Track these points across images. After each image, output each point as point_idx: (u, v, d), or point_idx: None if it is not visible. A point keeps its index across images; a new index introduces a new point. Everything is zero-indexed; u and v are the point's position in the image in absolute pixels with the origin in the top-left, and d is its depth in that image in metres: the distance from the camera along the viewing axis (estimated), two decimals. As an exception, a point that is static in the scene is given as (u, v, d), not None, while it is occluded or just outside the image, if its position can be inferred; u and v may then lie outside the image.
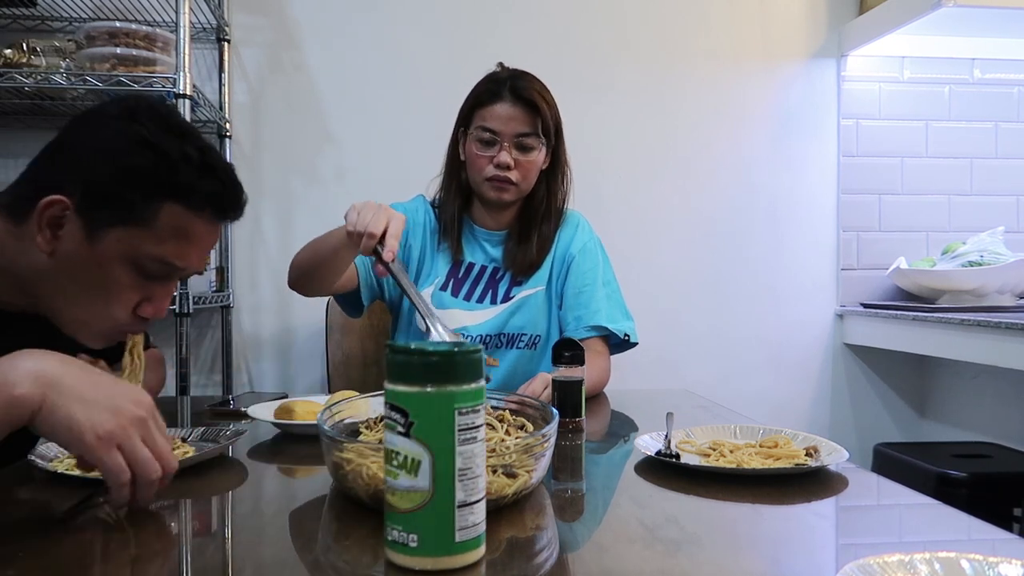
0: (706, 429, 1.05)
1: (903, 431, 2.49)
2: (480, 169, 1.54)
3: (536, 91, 1.53)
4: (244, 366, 2.29)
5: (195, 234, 0.98)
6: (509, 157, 1.51)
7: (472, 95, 1.57)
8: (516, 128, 1.51)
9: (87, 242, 0.93)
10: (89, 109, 1.02)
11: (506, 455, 0.76)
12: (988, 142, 2.48)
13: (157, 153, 0.93)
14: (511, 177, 1.52)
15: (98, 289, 0.95)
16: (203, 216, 0.97)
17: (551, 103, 1.56)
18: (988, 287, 2.16)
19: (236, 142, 2.26)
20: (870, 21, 2.33)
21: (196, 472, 0.91)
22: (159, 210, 0.94)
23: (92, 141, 0.96)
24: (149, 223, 0.94)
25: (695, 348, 2.42)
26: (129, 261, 0.95)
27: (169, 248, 0.96)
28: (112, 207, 0.93)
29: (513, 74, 1.55)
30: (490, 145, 1.52)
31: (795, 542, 0.74)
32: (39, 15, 2.10)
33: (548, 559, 0.67)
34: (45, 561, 0.65)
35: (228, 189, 1.01)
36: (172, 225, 0.95)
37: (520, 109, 1.51)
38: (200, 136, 1.00)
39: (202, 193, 0.96)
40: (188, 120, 1.23)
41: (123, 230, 0.93)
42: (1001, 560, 0.58)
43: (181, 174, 0.94)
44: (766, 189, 2.44)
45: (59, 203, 0.92)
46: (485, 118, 1.52)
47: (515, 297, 1.59)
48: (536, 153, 1.54)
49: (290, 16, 2.27)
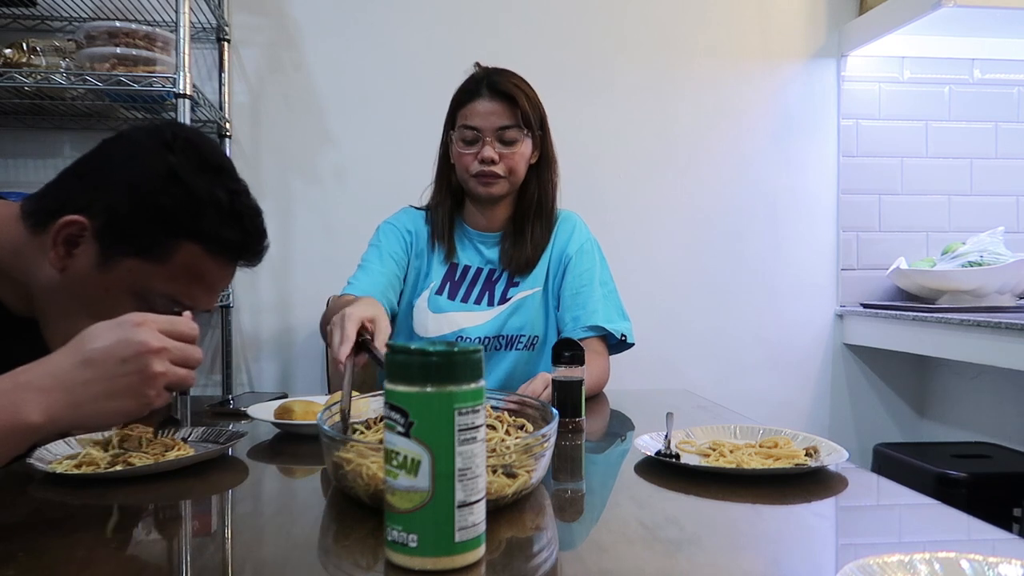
0: (706, 429, 1.05)
1: (903, 431, 2.49)
2: (467, 167, 1.55)
3: (513, 84, 1.54)
4: (244, 366, 2.29)
5: (208, 277, 0.98)
6: (493, 151, 1.52)
7: (453, 97, 1.59)
8: (496, 122, 1.52)
9: (99, 267, 0.93)
10: (125, 131, 1.01)
11: (506, 455, 0.76)
12: (988, 142, 2.48)
13: (185, 192, 0.93)
14: (497, 171, 1.53)
15: (99, 315, 0.92)
16: (220, 260, 0.97)
17: (531, 95, 1.56)
18: (988, 287, 2.16)
19: (236, 142, 2.26)
20: (870, 21, 2.33)
21: (196, 472, 0.92)
22: (176, 249, 0.93)
23: (123, 168, 0.95)
24: (164, 260, 0.94)
25: (695, 348, 2.42)
26: (136, 293, 0.95)
27: (180, 287, 0.96)
28: (130, 238, 0.93)
29: (490, 71, 1.57)
30: (473, 142, 1.53)
31: (795, 542, 0.74)
32: (39, 15, 2.10)
33: (548, 559, 0.67)
34: (45, 561, 0.65)
35: (251, 238, 1.00)
36: (187, 265, 0.95)
37: (498, 103, 1.52)
38: (235, 175, 0.99)
39: (224, 240, 0.96)
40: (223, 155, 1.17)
41: (136, 262, 0.93)
42: (1001, 560, 0.58)
43: (206, 218, 0.94)
44: (766, 189, 2.44)
45: (78, 224, 0.92)
46: (466, 116, 1.54)
47: (512, 299, 1.59)
48: (520, 145, 1.54)
49: (290, 16, 2.27)
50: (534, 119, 1.55)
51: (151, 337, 0.77)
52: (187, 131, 1.00)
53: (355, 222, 2.21)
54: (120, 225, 0.93)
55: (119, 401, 0.76)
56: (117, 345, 0.76)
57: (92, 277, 0.93)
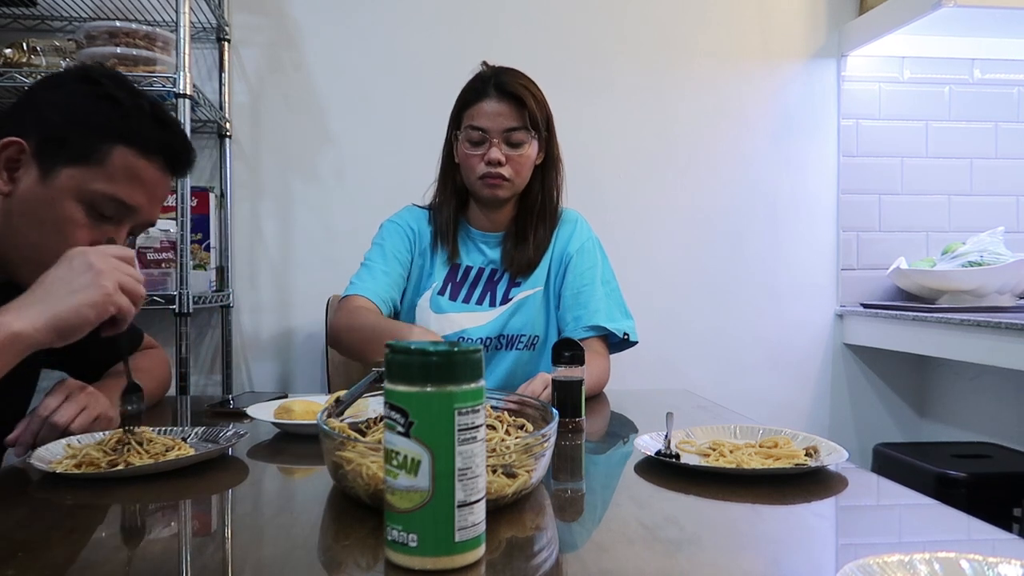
0: (706, 429, 1.05)
1: (903, 431, 2.49)
2: (472, 168, 1.53)
3: (521, 85, 1.52)
4: (244, 366, 2.29)
5: (146, 179, 1.05)
6: (500, 153, 1.51)
7: (460, 96, 1.57)
8: (504, 123, 1.51)
9: (41, 182, 1.00)
10: (50, 74, 1.12)
11: (506, 455, 0.76)
12: (988, 142, 2.48)
13: (112, 102, 1.03)
14: (504, 173, 1.52)
15: (52, 226, 1.02)
16: (154, 163, 1.05)
17: (538, 96, 1.55)
18: (988, 287, 2.16)
19: (236, 142, 2.26)
20: (870, 21, 2.33)
21: (196, 472, 0.91)
22: (111, 152, 1.02)
23: (51, 96, 1.05)
24: (101, 163, 1.01)
25: (695, 348, 2.42)
26: (81, 199, 1.02)
27: (120, 187, 1.03)
28: (66, 149, 1.01)
29: (498, 71, 1.55)
30: (480, 143, 1.52)
31: (795, 542, 0.74)
32: (39, 15, 2.10)
33: (548, 559, 0.67)
34: (45, 561, 0.65)
35: (177, 139, 1.09)
36: (123, 166, 1.03)
37: (506, 104, 1.51)
38: (152, 96, 1.09)
39: (152, 139, 1.04)
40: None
41: (76, 169, 1.01)
42: (1001, 560, 0.58)
43: (133, 121, 1.03)
44: (766, 189, 2.44)
45: (16, 144, 1.00)
46: (473, 117, 1.52)
47: (513, 299, 1.59)
48: (527, 147, 1.53)
49: (290, 16, 2.27)
50: (541, 120, 1.54)
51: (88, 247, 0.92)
52: (106, 68, 1.13)
53: (355, 222, 2.21)
54: (55, 139, 1.01)
55: (82, 294, 0.87)
56: (64, 259, 0.91)
57: (37, 192, 1.01)
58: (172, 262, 1.86)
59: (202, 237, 2.05)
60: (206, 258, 2.06)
